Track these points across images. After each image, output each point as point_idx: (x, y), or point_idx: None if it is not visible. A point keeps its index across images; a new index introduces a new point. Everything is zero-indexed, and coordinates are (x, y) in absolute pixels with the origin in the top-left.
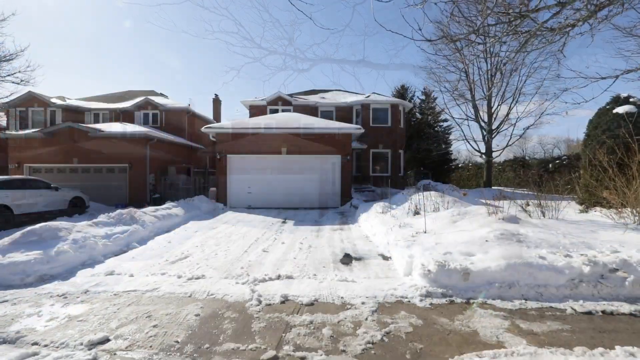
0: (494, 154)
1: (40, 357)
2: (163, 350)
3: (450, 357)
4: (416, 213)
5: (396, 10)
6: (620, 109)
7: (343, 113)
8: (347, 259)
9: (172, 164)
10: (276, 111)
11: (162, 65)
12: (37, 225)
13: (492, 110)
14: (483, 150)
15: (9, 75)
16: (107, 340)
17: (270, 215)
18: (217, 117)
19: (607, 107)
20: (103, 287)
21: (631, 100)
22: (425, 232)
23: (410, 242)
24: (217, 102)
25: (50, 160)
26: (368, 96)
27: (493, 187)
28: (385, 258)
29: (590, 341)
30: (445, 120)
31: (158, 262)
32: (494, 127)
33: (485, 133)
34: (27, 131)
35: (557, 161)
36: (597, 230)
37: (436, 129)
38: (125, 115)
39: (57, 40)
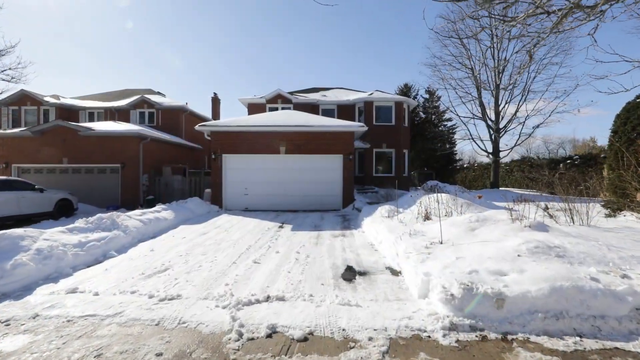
0: (501, 154)
1: None
2: None
3: None
4: (427, 218)
5: None
6: None
7: (345, 111)
8: (349, 274)
9: (167, 164)
10: (275, 109)
11: (162, 64)
12: None
13: (500, 108)
14: (490, 150)
15: None
16: None
17: (267, 218)
18: (216, 116)
19: (638, 100)
20: (57, 310)
21: None
22: (441, 243)
23: (425, 255)
24: (215, 101)
25: (39, 160)
26: (371, 94)
27: (500, 188)
28: (395, 272)
29: None
30: (450, 119)
31: (132, 275)
32: (501, 125)
33: (492, 132)
34: (15, 130)
35: (569, 161)
36: None
37: (440, 128)
38: (120, 114)
39: (58, 39)
